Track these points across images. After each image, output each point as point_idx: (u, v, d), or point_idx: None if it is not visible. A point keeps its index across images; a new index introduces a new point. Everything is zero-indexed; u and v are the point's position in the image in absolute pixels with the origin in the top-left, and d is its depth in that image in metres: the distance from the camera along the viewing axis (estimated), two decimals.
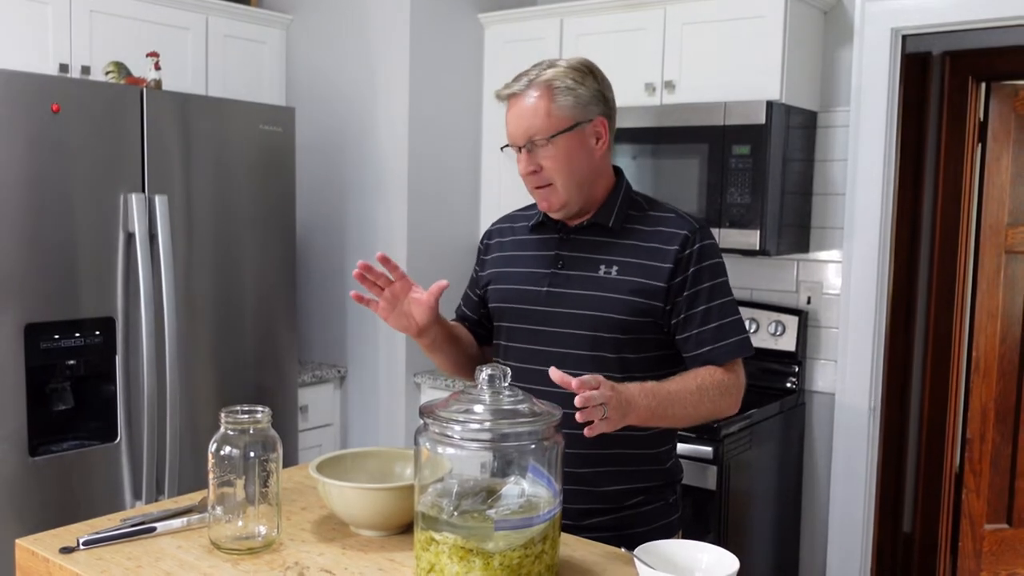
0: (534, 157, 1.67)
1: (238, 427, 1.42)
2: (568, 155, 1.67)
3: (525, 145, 1.67)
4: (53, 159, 2.52)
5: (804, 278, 3.21)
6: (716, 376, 1.64)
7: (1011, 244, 3.77)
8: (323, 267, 3.69)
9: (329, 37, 3.59)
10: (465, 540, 1.25)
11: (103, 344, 2.65)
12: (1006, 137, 3.72)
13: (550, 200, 1.70)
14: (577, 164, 1.68)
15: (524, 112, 1.66)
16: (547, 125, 1.65)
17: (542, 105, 1.65)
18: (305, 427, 3.43)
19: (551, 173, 1.67)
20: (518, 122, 1.67)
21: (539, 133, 1.65)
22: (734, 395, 1.67)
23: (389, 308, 1.70)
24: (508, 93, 1.69)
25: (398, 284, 1.69)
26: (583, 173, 1.69)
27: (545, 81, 1.65)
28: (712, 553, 1.30)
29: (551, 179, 1.67)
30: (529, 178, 1.69)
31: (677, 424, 1.65)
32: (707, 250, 1.69)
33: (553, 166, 1.66)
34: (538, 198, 1.72)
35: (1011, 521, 3.87)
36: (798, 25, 2.93)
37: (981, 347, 3.78)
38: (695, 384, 1.62)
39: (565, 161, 1.67)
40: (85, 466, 2.64)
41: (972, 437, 3.82)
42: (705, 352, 1.66)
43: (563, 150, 1.66)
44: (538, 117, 1.65)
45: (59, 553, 1.42)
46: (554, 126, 1.65)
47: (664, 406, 1.57)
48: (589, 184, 1.71)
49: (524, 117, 1.66)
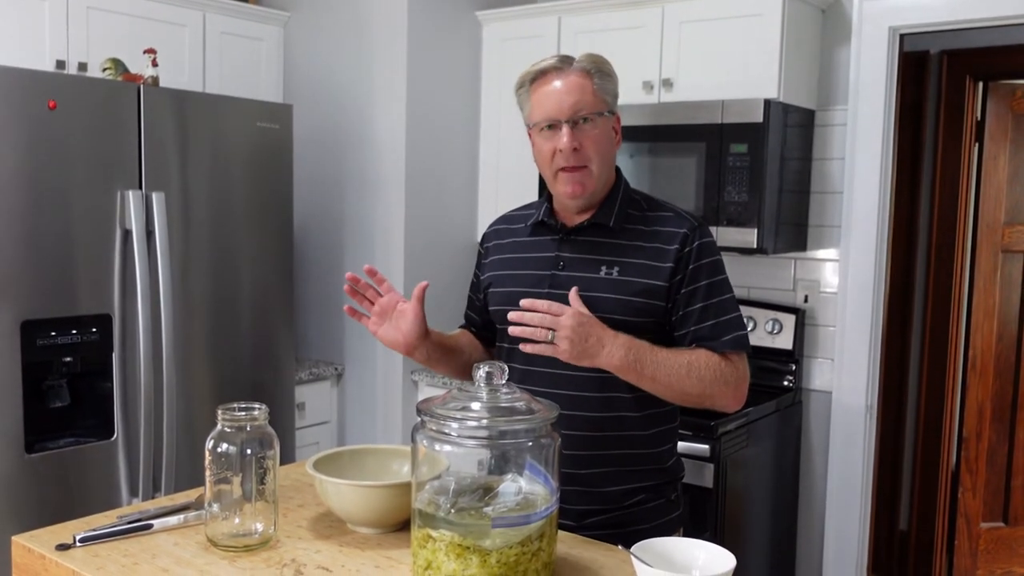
0: (578, 133, 1.65)
1: (235, 424, 1.42)
2: (605, 138, 1.68)
3: (570, 119, 1.64)
4: (50, 156, 2.51)
5: (801, 276, 3.21)
6: (712, 359, 1.63)
7: (1008, 243, 3.78)
8: (320, 264, 3.68)
9: (327, 34, 3.59)
10: (462, 537, 1.25)
11: (100, 341, 2.65)
12: (1003, 136, 3.73)
13: (584, 183, 1.67)
14: (607, 151, 1.69)
15: (571, 87, 1.64)
16: (594, 102, 1.65)
17: (588, 83, 1.65)
18: (302, 424, 3.42)
19: (590, 152, 1.65)
20: (565, 96, 1.64)
21: (587, 108, 1.64)
22: (732, 385, 1.65)
23: (379, 322, 1.70)
24: (545, 67, 1.67)
25: (386, 297, 1.69)
26: (609, 163, 1.71)
27: (584, 67, 1.66)
28: (709, 550, 1.30)
29: (589, 159, 1.66)
30: (571, 155, 1.65)
31: (664, 393, 1.62)
32: (706, 247, 1.69)
33: (593, 147, 1.65)
34: (568, 182, 1.67)
35: (1007, 519, 3.88)
36: (796, 23, 2.93)
37: (977, 346, 3.79)
38: (687, 359, 1.61)
39: (603, 143, 1.67)
40: (81, 463, 2.64)
41: (968, 435, 3.83)
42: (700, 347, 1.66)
43: (603, 131, 1.67)
44: (586, 93, 1.64)
45: (55, 550, 1.42)
46: (599, 105, 1.66)
47: (645, 364, 1.56)
48: (608, 176, 1.72)
49: (572, 92, 1.64)
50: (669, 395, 1.63)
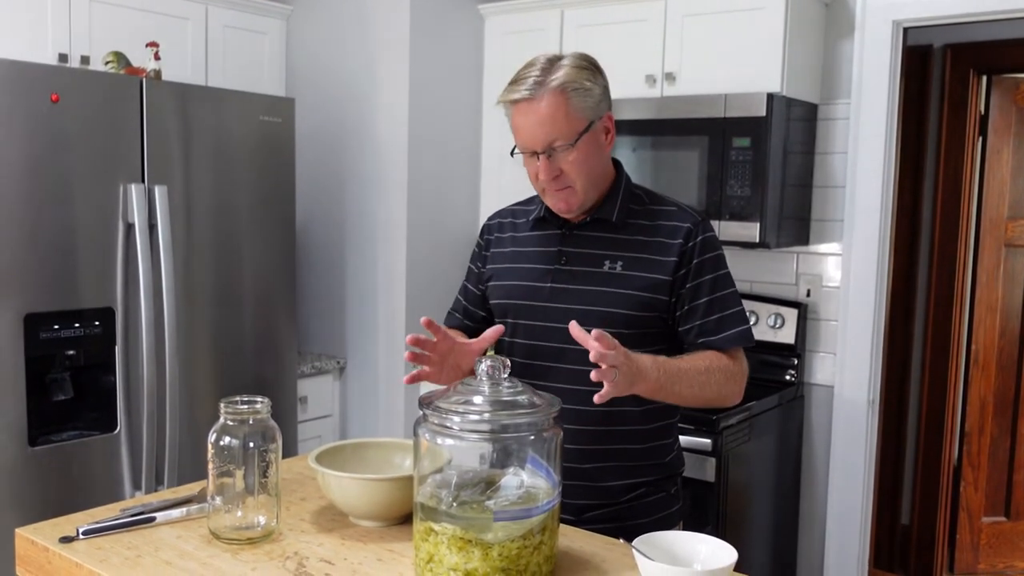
0: (554, 162, 1.63)
1: (238, 417, 1.42)
2: (587, 156, 1.64)
3: (545, 151, 1.62)
4: (52, 149, 2.51)
5: (804, 271, 3.21)
6: (722, 361, 1.65)
7: (1011, 237, 3.77)
8: (323, 258, 3.69)
9: (329, 28, 3.58)
10: (464, 531, 1.26)
11: (103, 334, 2.65)
12: (1007, 130, 3.72)
13: (569, 202, 1.67)
14: (594, 163, 1.67)
15: (543, 118, 1.60)
16: (568, 129, 1.61)
17: (560, 110, 1.59)
18: (304, 418, 3.43)
19: (571, 176, 1.64)
20: (537, 129, 1.61)
21: (561, 138, 1.61)
22: (738, 382, 1.68)
23: (439, 371, 1.63)
24: (517, 99, 1.62)
25: (443, 344, 1.62)
26: (598, 171, 1.69)
27: (559, 85, 1.59)
28: (711, 544, 1.30)
29: (571, 182, 1.65)
30: (551, 183, 1.64)
31: (679, 402, 1.65)
32: (709, 242, 1.69)
33: (574, 169, 1.63)
34: (555, 200, 1.68)
35: (1009, 514, 3.88)
36: (799, 17, 2.92)
37: (980, 340, 3.78)
38: (704, 366, 1.62)
39: (585, 163, 1.64)
40: (85, 456, 2.64)
41: (970, 430, 3.83)
42: (706, 342, 1.67)
43: (583, 152, 1.63)
44: (558, 122, 1.60)
45: (59, 543, 1.42)
46: (574, 130, 1.61)
47: (672, 382, 1.57)
48: (600, 180, 1.71)
49: (543, 124, 1.60)
50: (687, 403, 1.65)
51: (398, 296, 3.46)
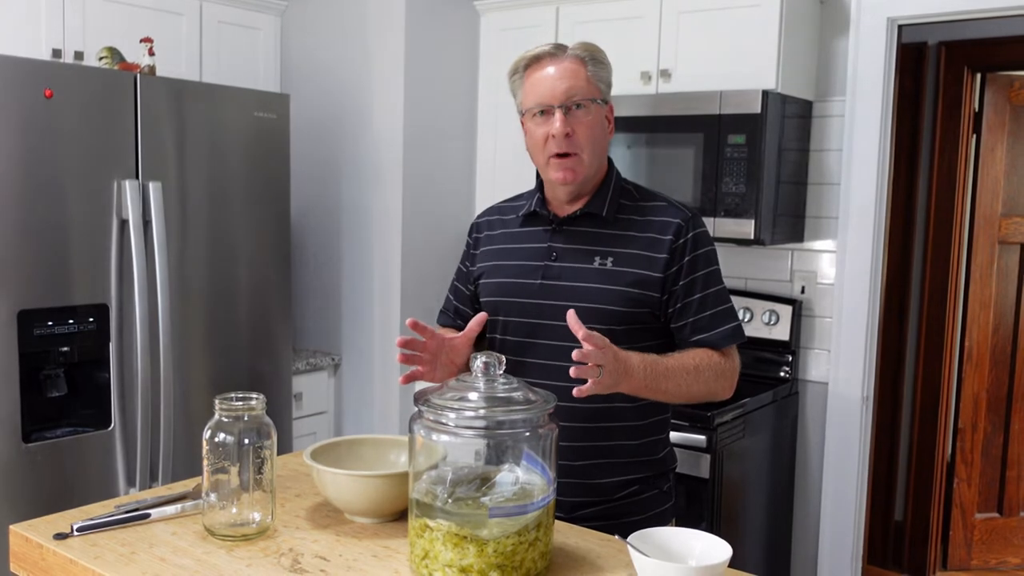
0: (571, 119, 1.65)
1: (232, 414, 1.42)
2: (598, 125, 1.68)
3: (563, 105, 1.64)
4: (46, 145, 2.50)
5: (798, 267, 3.21)
6: (713, 359, 1.65)
7: (1004, 234, 3.78)
8: (318, 254, 3.68)
9: (324, 23, 3.58)
10: (459, 527, 1.26)
11: (97, 331, 2.64)
12: (1001, 127, 3.73)
13: (575, 170, 1.67)
14: (600, 139, 1.69)
15: (565, 72, 1.64)
16: (587, 89, 1.65)
17: (582, 70, 1.65)
18: (299, 415, 3.43)
19: (582, 140, 1.65)
20: (558, 82, 1.64)
21: (580, 94, 1.64)
22: (729, 379, 1.68)
23: (432, 368, 1.66)
24: (539, 54, 1.66)
25: (432, 343, 1.65)
26: (601, 151, 1.70)
27: (583, 48, 1.66)
28: (705, 540, 1.31)
29: (581, 147, 1.66)
30: (563, 141, 1.64)
31: (666, 399, 1.65)
32: (701, 238, 1.69)
33: (586, 133, 1.65)
34: (559, 169, 1.67)
35: (1002, 510, 3.90)
36: (794, 14, 2.92)
37: (974, 337, 3.80)
38: (693, 364, 1.62)
39: (596, 130, 1.67)
40: (79, 453, 2.64)
41: (964, 426, 3.84)
42: (700, 339, 1.67)
43: (596, 119, 1.67)
44: (580, 79, 1.64)
45: (53, 539, 1.42)
46: (592, 92, 1.66)
47: (659, 380, 1.57)
48: (599, 165, 1.71)
49: (565, 77, 1.64)
50: (676, 400, 1.65)
51: (393, 292, 3.46)
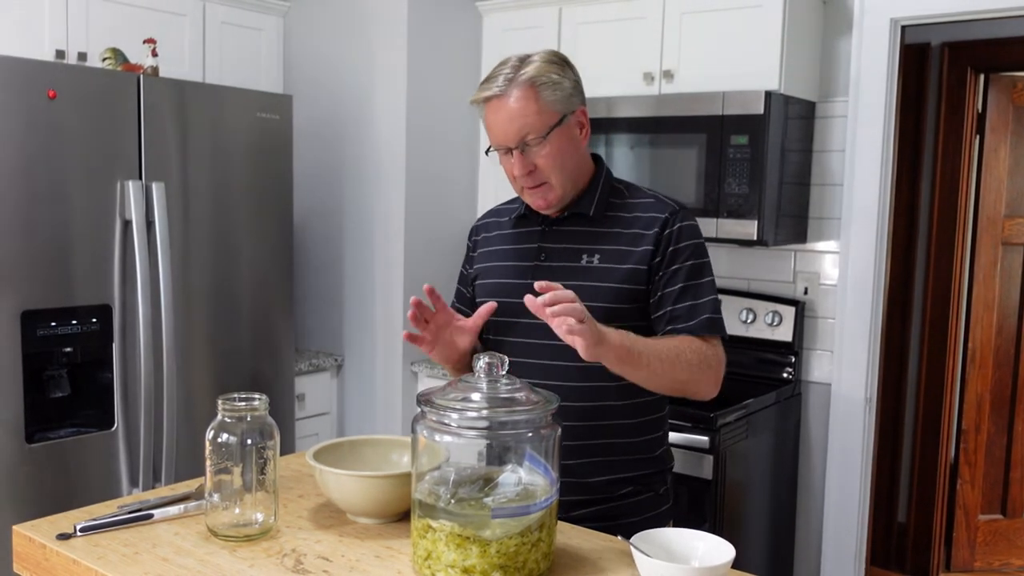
0: (528, 157, 1.64)
1: (235, 414, 1.42)
2: (560, 150, 1.65)
3: (518, 146, 1.63)
4: (49, 146, 2.51)
5: (801, 268, 3.21)
6: (695, 344, 1.62)
7: (1008, 235, 3.78)
8: (321, 255, 3.68)
9: (327, 25, 3.58)
10: (462, 528, 1.26)
11: (100, 331, 2.65)
12: (1004, 128, 3.72)
13: (547, 198, 1.68)
14: (568, 157, 1.67)
15: (513, 113, 1.62)
16: (539, 123, 1.62)
17: (531, 103, 1.61)
18: (302, 415, 3.43)
19: (546, 171, 1.65)
20: (508, 124, 1.63)
21: (532, 132, 1.62)
22: (714, 369, 1.64)
23: (434, 341, 1.67)
24: (488, 96, 1.64)
25: (441, 316, 1.66)
26: (573, 166, 1.69)
27: (528, 79, 1.62)
28: (708, 541, 1.31)
29: (546, 177, 1.66)
30: (525, 179, 1.66)
31: (655, 381, 1.60)
32: (686, 231, 1.68)
33: (548, 163, 1.64)
34: (533, 197, 1.69)
35: (1005, 512, 3.89)
36: (797, 15, 2.92)
37: (977, 338, 3.79)
38: (674, 344, 1.60)
39: (558, 157, 1.65)
40: (82, 453, 2.64)
41: (967, 428, 3.83)
42: (676, 328, 1.64)
43: (556, 146, 1.64)
44: (529, 116, 1.61)
45: (56, 540, 1.42)
46: (546, 123, 1.63)
47: (638, 349, 1.52)
48: (577, 175, 1.71)
49: (514, 118, 1.62)
50: (660, 384, 1.61)
51: (396, 293, 3.46)
